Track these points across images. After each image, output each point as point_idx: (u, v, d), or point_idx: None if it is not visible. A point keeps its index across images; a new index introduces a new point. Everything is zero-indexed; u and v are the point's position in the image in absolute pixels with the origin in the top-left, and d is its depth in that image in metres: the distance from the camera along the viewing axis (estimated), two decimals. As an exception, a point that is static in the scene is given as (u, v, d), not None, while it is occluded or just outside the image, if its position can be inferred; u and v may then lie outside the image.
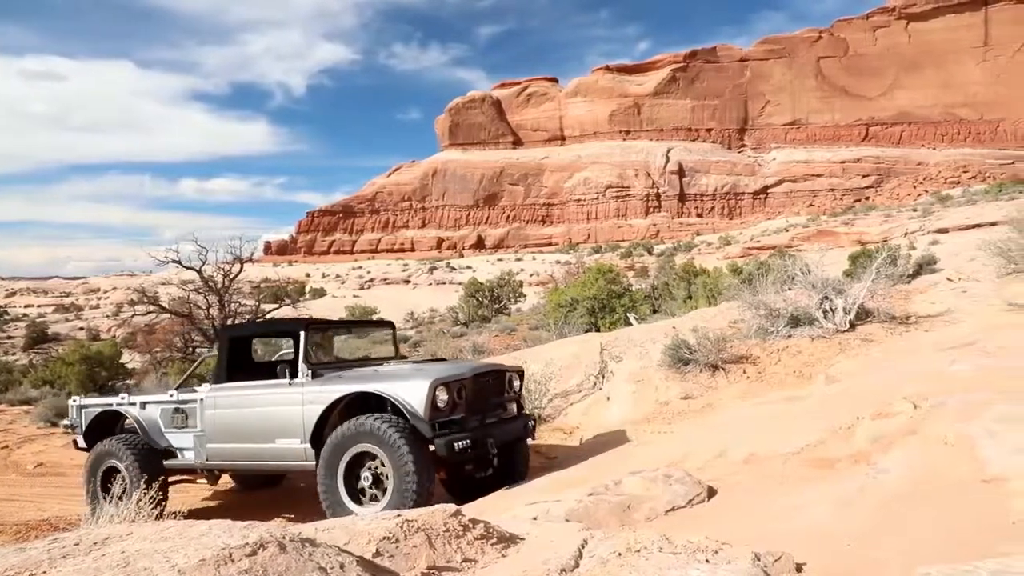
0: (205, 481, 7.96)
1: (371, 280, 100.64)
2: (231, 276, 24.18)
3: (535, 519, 3.40)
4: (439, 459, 5.75)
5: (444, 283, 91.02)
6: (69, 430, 8.58)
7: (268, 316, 26.50)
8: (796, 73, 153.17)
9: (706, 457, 5.15)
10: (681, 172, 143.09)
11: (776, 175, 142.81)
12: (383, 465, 5.69)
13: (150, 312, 24.53)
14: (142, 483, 6.95)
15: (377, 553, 2.39)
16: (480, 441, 5.98)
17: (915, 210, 67.05)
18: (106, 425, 8.03)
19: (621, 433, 7.85)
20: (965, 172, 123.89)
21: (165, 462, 7.51)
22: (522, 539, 2.67)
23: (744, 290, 11.96)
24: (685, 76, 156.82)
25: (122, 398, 8.04)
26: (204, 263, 24.13)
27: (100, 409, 8.08)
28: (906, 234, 50.19)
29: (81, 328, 63.43)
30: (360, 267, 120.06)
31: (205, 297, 23.57)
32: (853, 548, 2.78)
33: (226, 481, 9.10)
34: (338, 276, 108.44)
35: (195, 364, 10.16)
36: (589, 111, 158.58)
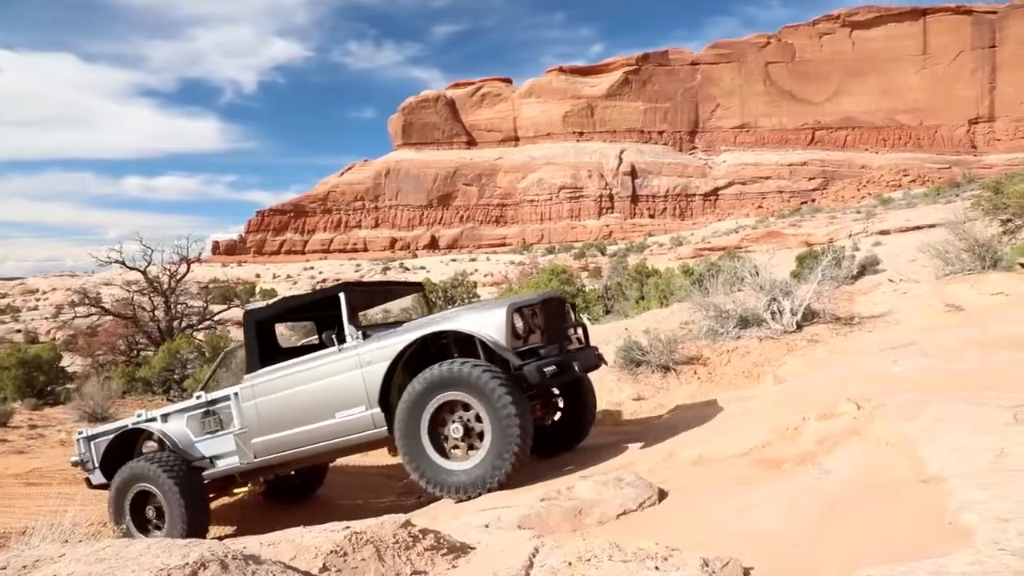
0: (244, 490, 7.18)
1: (323, 281, 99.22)
2: (177, 277, 23.60)
3: (487, 527, 3.39)
4: (530, 387, 5.40)
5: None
6: (80, 468, 7.55)
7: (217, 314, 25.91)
8: (745, 77, 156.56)
9: (657, 459, 5.20)
10: (634, 173, 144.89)
11: (726, 177, 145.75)
12: (466, 410, 5.25)
13: (92, 314, 23.78)
14: (184, 503, 6.35)
15: (324, 568, 2.33)
16: (566, 365, 5.55)
17: (859, 212, 69.10)
18: (123, 451, 7.15)
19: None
20: (906, 176, 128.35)
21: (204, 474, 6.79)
22: (473, 548, 2.66)
23: (695, 291, 12.16)
24: (637, 79, 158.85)
25: (139, 415, 7.20)
26: (149, 263, 23.54)
27: (114, 435, 7.20)
28: (850, 235, 51.69)
29: (18, 331, 60.98)
30: (312, 267, 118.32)
31: (150, 298, 22.97)
32: (799, 550, 2.83)
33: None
34: (289, 276, 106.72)
35: (218, 360, 8.99)
36: (543, 112, 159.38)
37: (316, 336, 7.67)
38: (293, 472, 7.88)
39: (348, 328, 5.96)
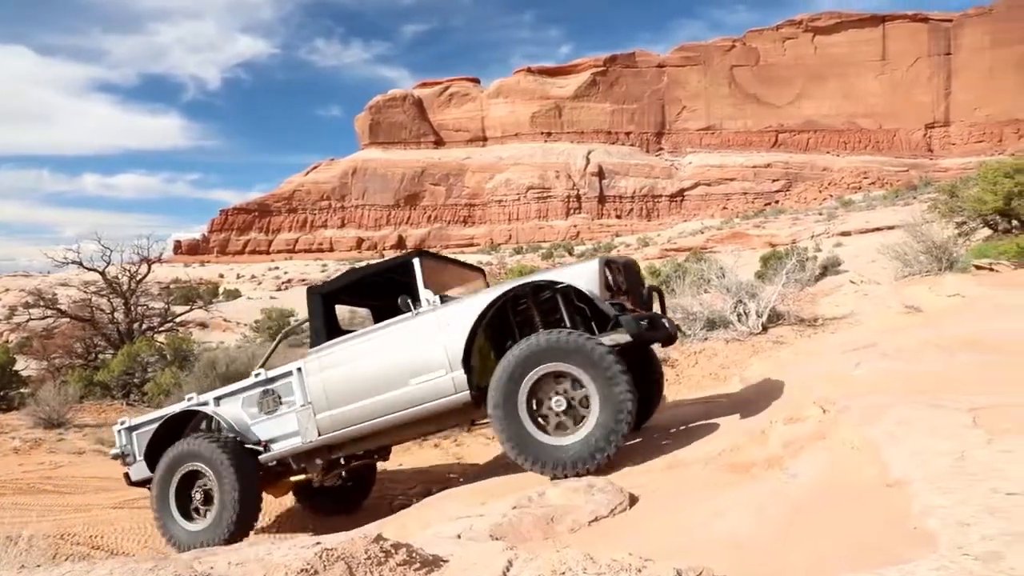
0: (300, 478, 6.59)
1: (288, 281, 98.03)
2: (138, 278, 23.08)
3: (459, 537, 3.37)
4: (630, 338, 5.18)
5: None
6: (120, 462, 7.01)
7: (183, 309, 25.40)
8: (711, 80, 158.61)
9: (627, 463, 5.22)
10: (601, 174, 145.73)
11: (692, 178, 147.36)
12: (560, 380, 5.02)
13: (47, 316, 23.13)
14: (238, 486, 5.87)
15: (294, 586, 2.29)
16: (658, 322, 5.45)
17: (821, 214, 70.46)
18: (169, 441, 6.58)
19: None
20: (865, 178, 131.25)
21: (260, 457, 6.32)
22: (446, 561, 2.63)
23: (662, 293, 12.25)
24: (605, 80, 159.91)
25: (188, 399, 6.76)
26: (108, 264, 22.97)
27: (162, 421, 6.68)
28: (812, 236, 52.68)
29: (-30, 333, 59.15)
30: (277, 267, 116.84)
31: (109, 300, 22.40)
32: (768, 556, 2.85)
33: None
34: (253, 277, 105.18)
35: (277, 341, 8.23)
36: (511, 112, 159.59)
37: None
38: (342, 478, 7.50)
39: (424, 292, 5.73)
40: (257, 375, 6.42)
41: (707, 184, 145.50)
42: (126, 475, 6.88)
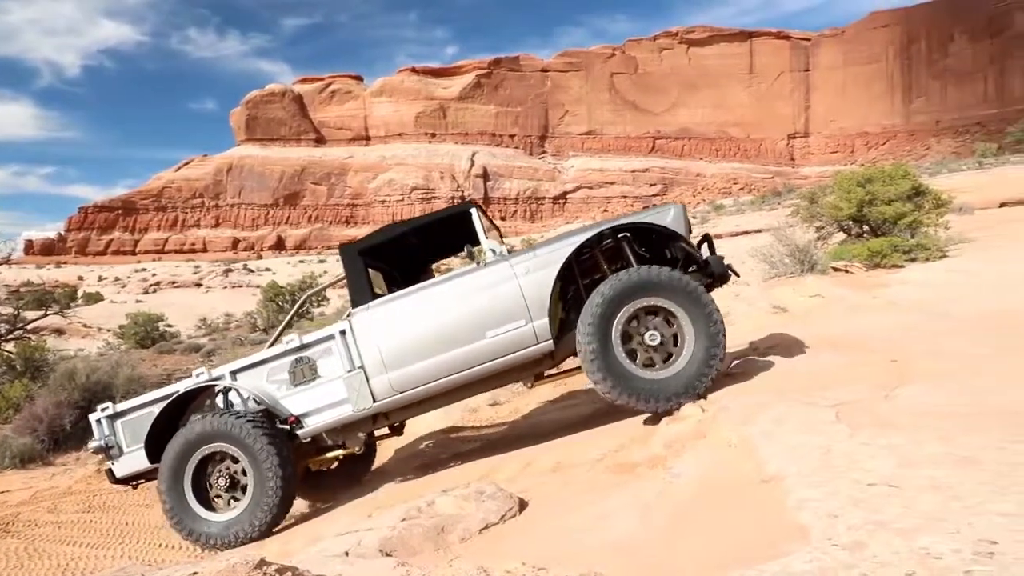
0: (337, 454, 5.93)
1: (157, 283, 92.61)
2: (-17, 281, 21.04)
3: (347, 554, 3.24)
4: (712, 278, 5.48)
5: (241, 286, 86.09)
6: (103, 455, 5.94)
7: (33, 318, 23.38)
8: (592, 86, 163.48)
9: (516, 467, 5.24)
10: (485, 176, 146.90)
11: (574, 181, 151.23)
12: (652, 315, 5.02)
13: None
14: (279, 466, 5.24)
15: (166, 622, 2.11)
16: (727, 265, 5.66)
17: (695, 217, 73.97)
18: (170, 429, 5.69)
19: (430, 444, 7.80)
20: (735, 184, 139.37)
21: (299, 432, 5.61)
22: (333, 583, 2.52)
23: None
24: (490, 82, 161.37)
25: (199, 374, 5.77)
26: (-53, 266, 20.83)
27: (163, 404, 5.70)
28: (687, 239, 55.22)
29: None
30: (144, 269, 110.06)
31: (-52, 306, 20.31)
32: (655, 558, 2.92)
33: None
34: (118, 279, 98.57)
35: (297, 306, 7.29)
36: (395, 112, 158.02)
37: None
38: (338, 462, 6.72)
39: (488, 242, 5.56)
40: (289, 342, 5.72)
41: (589, 187, 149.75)
42: (109, 471, 5.91)
